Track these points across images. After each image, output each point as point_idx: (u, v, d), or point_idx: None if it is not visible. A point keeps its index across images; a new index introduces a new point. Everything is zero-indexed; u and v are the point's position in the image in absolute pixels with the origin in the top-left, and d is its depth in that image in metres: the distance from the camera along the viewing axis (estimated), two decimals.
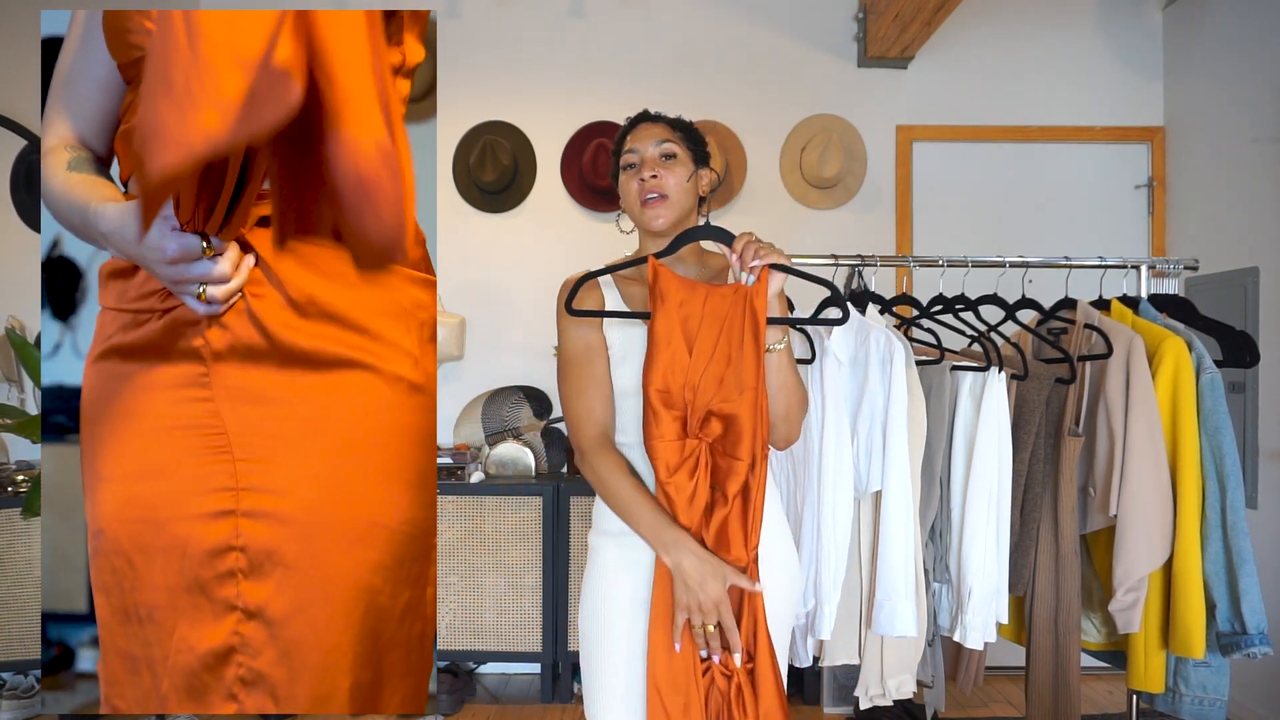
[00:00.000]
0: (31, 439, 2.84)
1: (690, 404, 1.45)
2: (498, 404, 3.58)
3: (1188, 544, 2.05)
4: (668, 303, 1.47)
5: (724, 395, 1.45)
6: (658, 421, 1.45)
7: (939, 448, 2.11)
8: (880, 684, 2.09)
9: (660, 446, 1.45)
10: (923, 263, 2.33)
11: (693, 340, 1.46)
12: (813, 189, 3.69)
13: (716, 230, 1.54)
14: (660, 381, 1.45)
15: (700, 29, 3.72)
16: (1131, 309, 2.27)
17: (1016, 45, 3.72)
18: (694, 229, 1.56)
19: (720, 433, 1.46)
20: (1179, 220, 3.61)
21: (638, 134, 1.61)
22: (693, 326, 1.47)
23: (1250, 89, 3.15)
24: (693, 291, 1.48)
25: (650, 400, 1.45)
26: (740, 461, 1.44)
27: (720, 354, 1.46)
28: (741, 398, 1.44)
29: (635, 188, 1.59)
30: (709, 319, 1.47)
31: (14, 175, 3.64)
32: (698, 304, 1.48)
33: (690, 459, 1.45)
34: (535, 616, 3.22)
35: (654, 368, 1.45)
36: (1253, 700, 3.02)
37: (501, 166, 3.60)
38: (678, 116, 1.66)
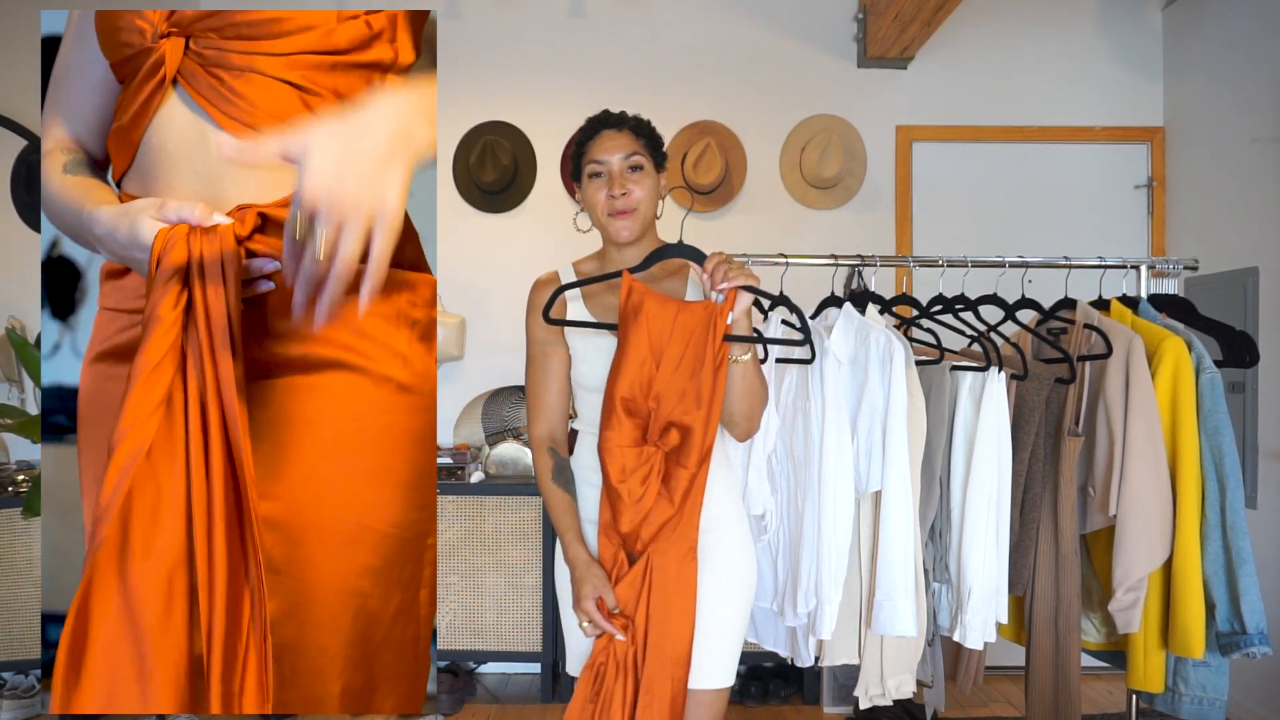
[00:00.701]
0: (31, 439, 2.84)
1: (653, 413, 1.55)
2: (498, 404, 3.59)
3: (1187, 544, 2.05)
4: (639, 317, 1.55)
5: (684, 407, 1.54)
6: (619, 428, 1.54)
7: (939, 448, 2.11)
8: (880, 684, 2.09)
9: (618, 452, 1.55)
10: (922, 263, 2.33)
11: (660, 353, 1.54)
12: (813, 189, 3.69)
13: (689, 249, 1.61)
14: (626, 390, 1.54)
15: (700, 29, 3.72)
16: (1131, 309, 2.27)
17: (1016, 45, 3.72)
18: (667, 247, 1.63)
19: (677, 443, 1.55)
20: (1179, 220, 3.61)
21: (602, 143, 1.64)
22: (661, 340, 1.55)
23: (1250, 89, 3.15)
24: (664, 306, 1.57)
25: (615, 408, 1.54)
26: (687, 470, 1.55)
27: (685, 368, 1.54)
28: (698, 411, 1.53)
29: (602, 199, 1.63)
30: (678, 333, 1.55)
31: (14, 175, 3.64)
32: (669, 319, 1.56)
33: (645, 465, 1.55)
34: (535, 616, 3.22)
35: (622, 377, 1.54)
36: (1253, 700, 3.02)
37: (501, 166, 3.60)
38: (636, 117, 1.69)
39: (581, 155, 1.67)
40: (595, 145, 1.65)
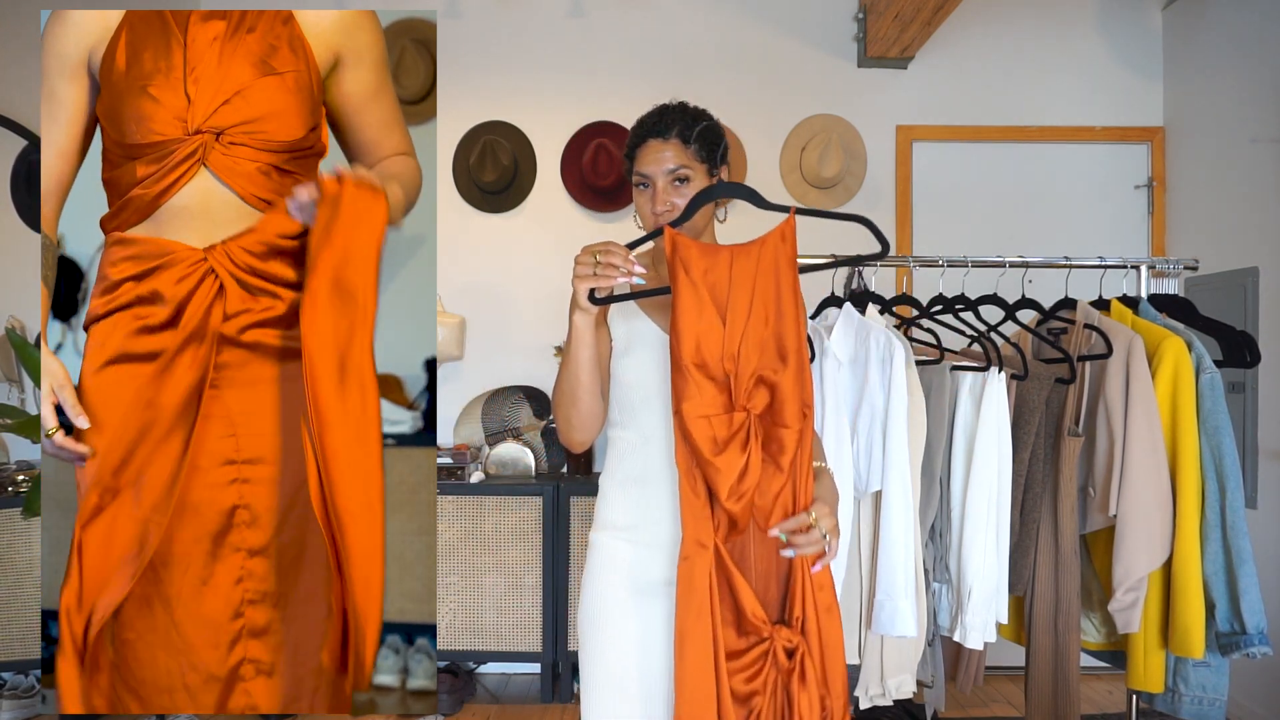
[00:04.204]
0: (31, 439, 2.84)
1: (734, 374, 1.37)
2: (498, 404, 3.59)
3: (1187, 544, 2.05)
4: (692, 272, 1.38)
5: (767, 361, 1.38)
6: (699, 395, 1.35)
7: (939, 448, 2.11)
8: (880, 684, 2.09)
9: (704, 423, 1.35)
10: (923, 263, 2.33)
11: (724, 308, 1.38)
12: (812, 189, 3.69)
13: (740, 187, 1.48)
14: (696, 355, 1.36)
15: (700, 29, 3.72)
16: (1131, 309, 2.27)
17: (1016, 45, 3.72)
18: (715, 186, 1.50)
19: (768, 401, 1.38)
20: (1179, 220, 3.61)
21: (647, 155, 1.54)
22: (721, 293, 1.39)
23: (1250, 89, 3.15)
24: (716, 257, 1.40)
25: (688, 374, 1.36)
26: (789, 429, 1.37)
27: (756, 318, 1.39)
28: (786, 362, 1.37)
29: (649, 215, 1.54)
30: (738, 283, 1.39)
31: (14, 175, 3.64)
32: (723, 269, 1.39)
33: (740, 431, 1.36)
34: (535, 616, 3.22)
35: (686, 341, 1.36)
36: (1252, 700, 3.02)
37: (501, 166, 3.60)
38: (689, 118, 1.57)
39: (631, 159, 1.58)
40: (641, 156, 1.55)
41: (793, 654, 1.37)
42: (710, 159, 1.57)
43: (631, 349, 1.52)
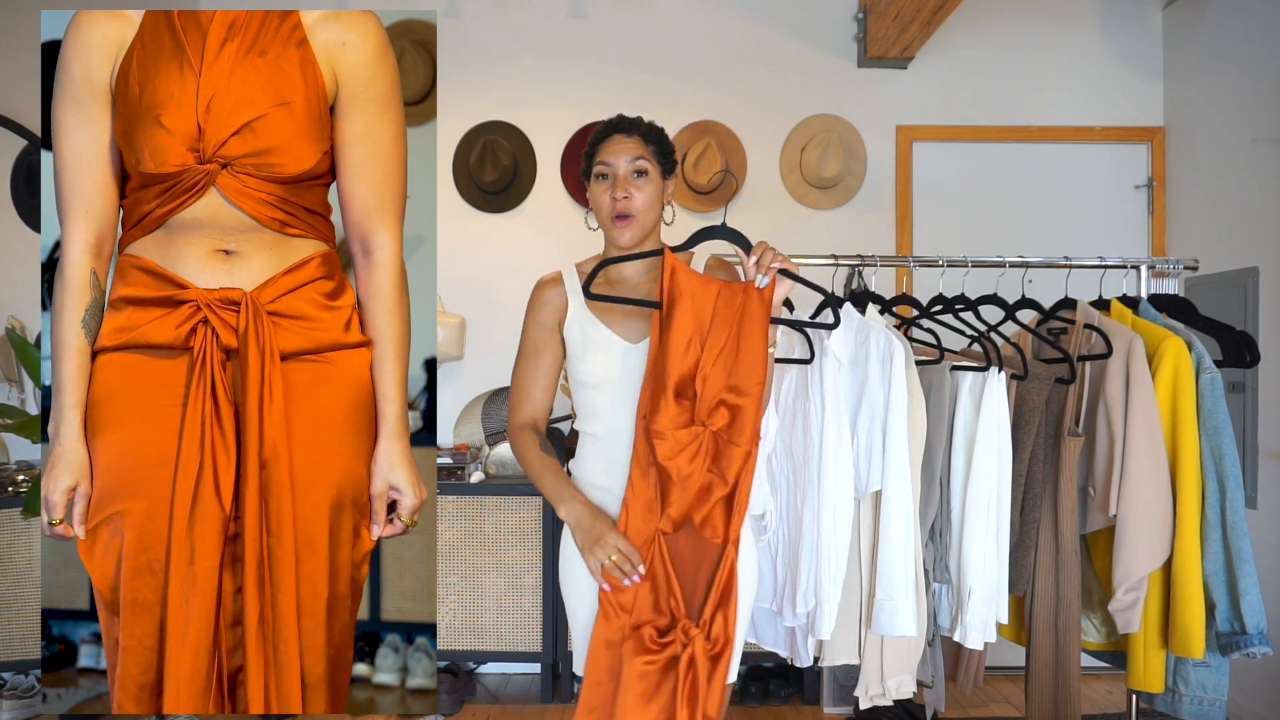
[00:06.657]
0: (31, 439, 2.84)
1: (700, 394, 1.57)
2: (498, 404, 3.59)
3: (1187, 544, 2.05)
4: (684, 298, 1.59)
5: (732, 387, 1.58)
6: (668, 409, 1.56)
7: (939, 448, 2.11)
8: (880, 684, 2.09)
9: (668, 433, 1.56)
10: (923, 263, 2.33)
11: (705, 334, 1.59)
12: (813, 189, 3.69)
13: (732, 232, 1.66)
14: (678, 373, 1.56)
15: (700, 29, 3.72)
16: (1131, 309, 2.27)
17: (1016, 45, 3.72)
18: (712, 228, 1.68)
19: (726, 422, 1.59)
20: (1179, 220, 3.61)
21: (611, 146, 1.69)
22: (704, 321, 1.59)
23: (1250, 89, 3.15)
24: (707, 287, 1.61)
25: (667, 391, 1.56)
26: (740, 448, 1.59)
27: (729, 349, 1.59)
28: (747, 392, 1.58)
29: (606, 201, 1.69)
30: (720, 314, 1.60)
31: (14, 175, 3.64)
32: (710, 299, 1.60)
33: (694, 444, 1.58)
34: (535, 616, 3.22)
35: (672, 360, 1.56)
36: (1252, 700, 3.02)
37: (501, 166, 3.60)
38: (649, 124, 1.74)
39: (593, 156, 1.72)
40: (605, 147, 1.70)
41: (688, 646, 1.57)
42: (665, 163, 1.74)
43: (589, 353, 1.68)
